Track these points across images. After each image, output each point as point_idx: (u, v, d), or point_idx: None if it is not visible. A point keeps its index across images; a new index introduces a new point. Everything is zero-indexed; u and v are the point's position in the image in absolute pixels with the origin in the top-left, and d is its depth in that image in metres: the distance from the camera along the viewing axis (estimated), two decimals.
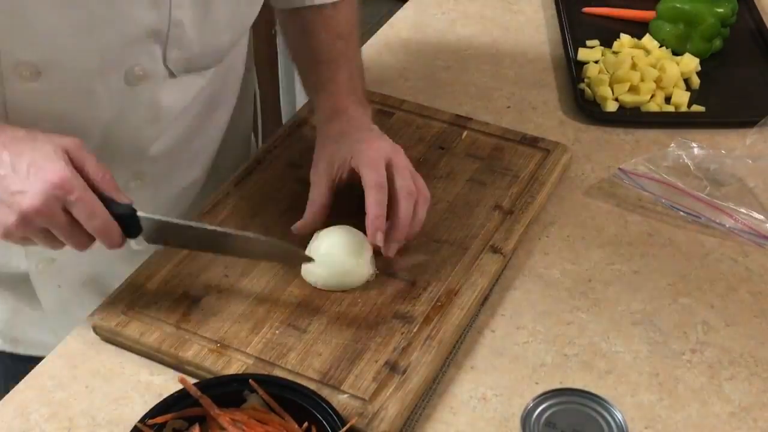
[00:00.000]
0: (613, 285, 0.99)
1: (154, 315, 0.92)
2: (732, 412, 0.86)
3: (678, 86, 1.26)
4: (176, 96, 1.00)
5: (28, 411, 0.86)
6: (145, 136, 1.01)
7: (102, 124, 0.95)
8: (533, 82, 1.30)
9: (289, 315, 0.92)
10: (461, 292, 0.94)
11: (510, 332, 0.93)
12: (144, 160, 1.03)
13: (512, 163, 1.11)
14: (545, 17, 1.44)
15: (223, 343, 0.89)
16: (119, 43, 0.90)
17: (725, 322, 0.95)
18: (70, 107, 0.91)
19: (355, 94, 1.05)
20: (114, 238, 0.85)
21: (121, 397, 0.87)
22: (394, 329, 0.90)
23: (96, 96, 0.92)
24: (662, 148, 1.14)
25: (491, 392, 0.88)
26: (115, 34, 0.89)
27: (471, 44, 1.38)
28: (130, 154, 1.01)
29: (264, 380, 0.82)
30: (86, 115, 0.93)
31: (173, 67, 0.96)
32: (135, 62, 0.93)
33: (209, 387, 0.82)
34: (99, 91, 0.92)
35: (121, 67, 0.92)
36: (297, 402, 0.81)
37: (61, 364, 0.90)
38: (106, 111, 0.94)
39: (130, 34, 0.90)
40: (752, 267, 1.01)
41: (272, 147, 1.13)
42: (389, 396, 0.84)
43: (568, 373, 0.89)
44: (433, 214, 1.03)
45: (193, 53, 0.97)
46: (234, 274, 0.96)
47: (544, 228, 1.05)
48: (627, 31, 1.36)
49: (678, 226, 1.06)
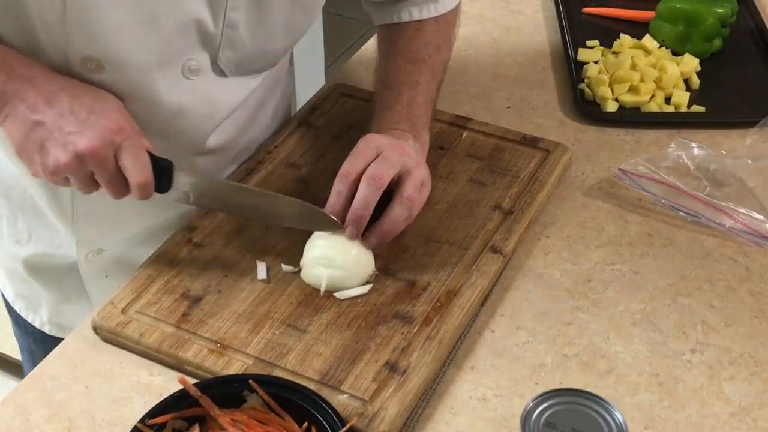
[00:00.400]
0: (613, 285, 0.99)
1: (154, 315, 0.92)
2: (732, 412, 0.86)
3: (678, 86, 1.26)
4: (231, 94, 1.02)
5: (28, 411, 0.86)
6: (201, 131, 1.02)
7: (161, 118, 0.97)
8: (533, 82, 1.30)
9: (289, 315, 0.92)
10: (461, 292, 0.94)
11: (510, 332, 0.93)
12: (198, 155, 1.05)
13: (512, 163, 1.11)
14: (545, 17, 1.44)
15: (223, 343, 0.89)
16: (177, 39, 0.93)
17: (725, 322, 0.95)
18: (131, 100, 0.94)
19: (410, 121, 1.03)
20: (149, 190, 0.90)
21: (121, 397, 0.87)
22: (394, 329, 0.90)
23: (156, 89, 0.94)
24: (662, 148, 1.14)
25: (491, 392, 0.88)
26: (174, 29, 0.92)
27: (471, 44, 1.38)
28: (185, 148, 1.03)
29: (264, 380, 0.82)
30: (147, 108, 0.95)
31: (225, 67, 0.98)
32: (190, 57, 0.95)
33: (209, 387, 0.82)
34: (158, 84, 0.94)
35: (179, 61, 0.95)
36: (297, 402, 0.81)
37: (61, 364, 0.90)
38: (165, 104, 0.96)
39: (186, 30, 0.92)
40: (752, 267, 1.01)
41: (272, 147, 1.13)
42: (389, 396, 0.84)
43: (568, 373, 0.89)
44: (433, 214, 1.03)
45: (245, 56, 0.98)
46: (234, 274, 0.96)
47: (544, 228, 1.05)
48: (627, 31, 1.36)
49: (678, 226, 1.06)
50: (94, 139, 0.86)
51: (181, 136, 1.00)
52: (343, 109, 1.20)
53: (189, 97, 0.97)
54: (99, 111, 0.88)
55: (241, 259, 0.98)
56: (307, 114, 1.19)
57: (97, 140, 0.86)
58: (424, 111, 1.05)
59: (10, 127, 0.88)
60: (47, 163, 0.87)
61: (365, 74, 1.28)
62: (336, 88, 1.24)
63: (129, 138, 0.88)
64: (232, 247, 0.99)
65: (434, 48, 1.10)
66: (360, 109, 1.18)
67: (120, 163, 0.88)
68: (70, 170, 0.87)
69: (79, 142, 0.86)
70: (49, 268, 1.13)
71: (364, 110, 1.18)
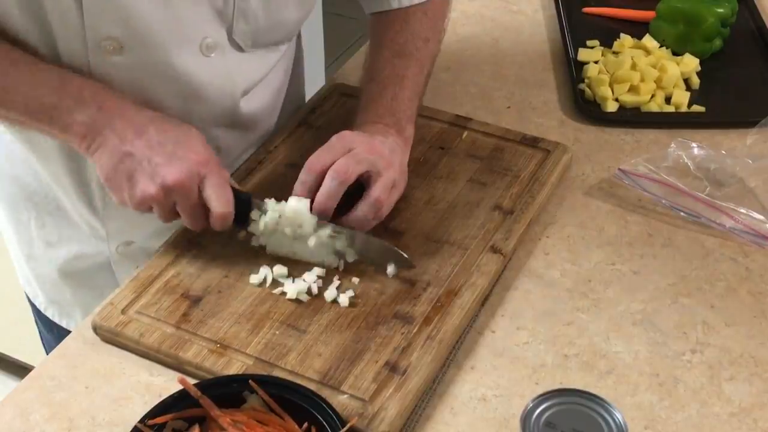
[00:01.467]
0: (613, 285, 0.99)
1: (154, 315, 0.92)
2: (732, 413, 0.86)
3: (678, 86, 1.26)
4: (250, 69, 1.03)
5: (28, 411, 0.86)
6: (222, 107, 1.03)
7: (182, 96, 0.98)
8: (533, 82, 1.30)
9: (289, 315, 0.92)
10: (461, 292, 0.94)
11: (510, 332, 0.93)
12: (219, 135, 1.06)
13: (512, 163, 1.11)
14: (545, 17, 1.44)
15: (223, 343, 0.89)
16: (192, 15, 0.94)
17: (725, 322, 0.95)
18: (152, 79, 0.96)
19: (394, 116, 1.04)
20: (228, 221, 0.93)
21: (121, 397, 0.87)
22: (394, 329, 0.90)
23: (175, 67, 0.96)
24: (662, 148, 1.14)
25: (491, 393, 0.88)
26: (189, 6, 0.93)
27: (471, 44, 1.38)
28: (208, 121, 1.03)
29: (264, 381, 0.82)
30: (167, 87, 0.97)
31: (241, 41, 0.99)
32: (206, 34, 0.96)
33: (209, 387, 0.82)
34: (177, 62, 0.96)
35: (196, 39, 0.96)
36: (297, 402, 0.81)
37: (61, 364, 0.90)
38: (184, 82, 0.97)
39: (199, 4, 0.94)
40: (752, 267, 1.01)
41: (272, 147, 1.13)
42: (389, 396, 0.84)
43: (568, 374, 0.89)
44: (433, 214, 1.03)
45: (259, 27, 0.99)
46: (234, 274, 0.96)
47: (545, 228, 1.05)
48: (627, 31, 1.36)
49: (678, 226, 1.06)
50: (181, 172, 0.89)
51: (201, 111, 1.01)
52: (343, 109, 1.20)
53: (208, 74, 0.99)
54: (185, 143, 0.91)
55: (241, 259, 0.98)
56: (307, 114, 1.19)
57: (184, 172, 0.89)
58: (409, 105, 1.05)
59: (100, 156, 0.91)
60: (135, 193, 0.90)
61: None
62: (336, 88, 1.24)
63: (213, 170, 0.91)
64: (232, 247, 0.99)
65: (422, 41, 1.09)
66: None
67: (204, 194, 0.91)
68: (157, 201, 0.90)
69: (167, 174, 0.88)
70: (83, 270, 1.15)
71: None
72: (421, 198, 1.06)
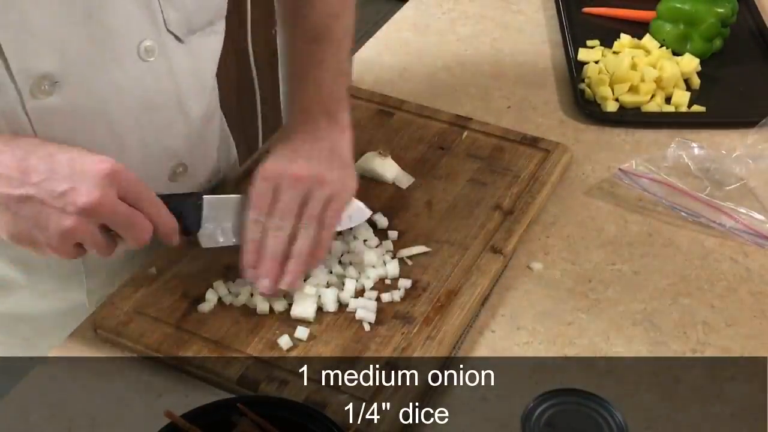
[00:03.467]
0: (613, 285, 0.99)
1: (154, 315, 0.92)
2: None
3: (678, 86, 1.26)
4: (192, 60, 0.95)
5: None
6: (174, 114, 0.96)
7: (133, 115, 0.91)
8: (533, 82, 1.30)
9: (289, 315, 0.92)
10: (461, 292, 0.94)
11: (510, 332, 0.93)
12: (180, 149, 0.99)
13: (512, 163, 1.11)
14: (545, 17, 1.44)
15: (223, 343, 0.89)
16: (123, 22, 0.87)
17: (725, 322, 0.95)
18: (97, 107, 0.87)
19: (321, 104, 1.00)
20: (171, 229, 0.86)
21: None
22: (394, 329, 0.90)
23: (118, 83, 0.88)
24: (662, 148, 1.14)
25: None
26: (117, 12, 0.86)
27: (471, 44, 1.38)
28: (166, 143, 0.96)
29: (252, 402, 0.78)
30: (113, 109, 0.89)
31: (176, 30, 0.91)
32: (142, 37, 0.88)
33: (197, 417, 0.77)
34: (119, 77, 0.87)
35: (132, 46, 0.88)
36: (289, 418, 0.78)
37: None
38: (130, 97, 0.89)
39: (127, 6, 0.86)
40: (752, 267, 1.01)
41: (271, 147, 1.13)
42: (389, 396, 0.84)
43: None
44: (433, 214, 1.03)
45: (189, 11, 0.92)
46: (233, 273, 0.96)
47: (545, 228, 1.05)
48: (627, 31, 1.36)
49: (678, 226, 1.06)
50: (92, 191, 0.78)
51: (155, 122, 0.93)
52: None
53: (153, 81, 0.91)
54: (78, 159, 0.80)
55: (240, 259, 0.98)
56: None
57: (96, 189, 0.78)
58: (335, 89, 1.01)
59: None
60: (51, 236, 0.79)
61: (365, 74, 1.28)
62: None
63: (126, 176, 0.81)
64: (232, 247, 0.99)
65: (333, 18, 1.03)
66: (360, 109, 1.18)
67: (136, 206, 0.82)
68: (80, 233, 0.79)
69: (77, 197, 0.78)
70: None
71: (363, 110, 1.18)
72: (421, 198, 1.06)
